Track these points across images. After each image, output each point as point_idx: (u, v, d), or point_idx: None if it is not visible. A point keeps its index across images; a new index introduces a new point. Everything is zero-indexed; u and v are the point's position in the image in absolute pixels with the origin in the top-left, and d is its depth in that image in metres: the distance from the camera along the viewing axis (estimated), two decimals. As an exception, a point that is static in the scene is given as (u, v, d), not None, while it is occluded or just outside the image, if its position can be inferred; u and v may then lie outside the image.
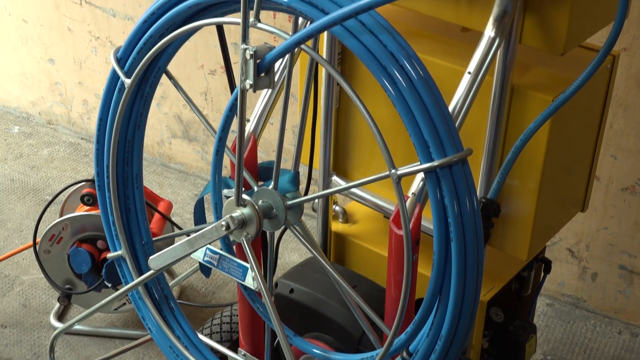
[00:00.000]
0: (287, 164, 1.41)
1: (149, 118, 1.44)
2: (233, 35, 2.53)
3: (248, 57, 1.13)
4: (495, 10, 1.28)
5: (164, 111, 2.99)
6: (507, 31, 1.30)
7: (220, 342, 1.90)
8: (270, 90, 1.53)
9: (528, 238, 1.52)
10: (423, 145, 1.08)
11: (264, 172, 1.49)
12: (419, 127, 1.07)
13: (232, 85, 1.59)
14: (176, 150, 3.06)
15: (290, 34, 1.15)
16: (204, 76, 2.83)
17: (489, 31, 1.28)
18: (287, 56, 1.33)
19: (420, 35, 1.56)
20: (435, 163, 1.07)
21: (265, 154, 2.81)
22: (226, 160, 1.40)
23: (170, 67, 1.38)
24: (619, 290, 2.44)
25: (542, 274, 1.80)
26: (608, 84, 1.57)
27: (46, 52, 3.14)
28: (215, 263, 1.34)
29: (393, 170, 1.09)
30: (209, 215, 1.44)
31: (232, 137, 1.33)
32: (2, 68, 3.31)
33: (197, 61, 2.81)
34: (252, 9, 1.16)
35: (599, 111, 1.60)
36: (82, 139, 3.24)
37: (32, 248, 2.24)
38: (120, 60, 1.36)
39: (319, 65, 1.49)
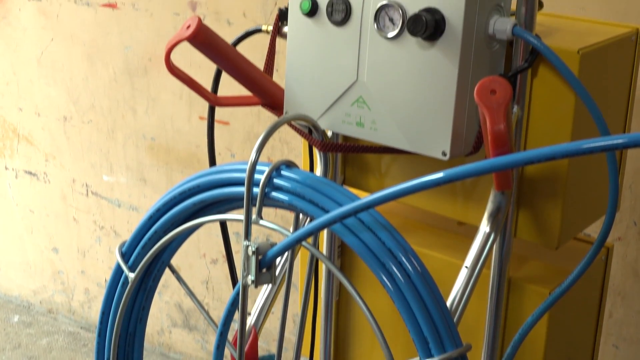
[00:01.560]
0: (288, 353, 1.41)
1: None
2: (235, 224, 2.59)
3: (250, 253, 1.16)
4: (489, 206, 1.32)
5: (164, 300, 3.00)
6: (501, 226, 1.33)
7: None
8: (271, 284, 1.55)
9: None
10: (422, 341, 1.09)
11: (264, 365, 1.49)
12: (418, 323, 1.09)
13: (233, 276, 1.61)
14: (176, 340, 3.04)
15: (291, 230, 1.19)
16: (206, 265, 2.86)
17: (484, 226, 1.32)
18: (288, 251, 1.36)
19: (417, 228, 1.60)
20: (435, 359, 1.08)
21: (265, 342, 2.79)
22: (227, 349, 1.40)
23: (173, 256, 1.41)
24: None
25: None
26: (604, 274, 1.60)
27: (50, 241, 3.19)
28: None
29: (393, 366, 1.10)
30: (209, 410, 1.43)
31: (233, 326, 1.35)
32: (6, 257, 3.35)
33: (199, 250, 2.85)
34: (254, 205, 1.20)
35: (597, 301, 1.61)
36: (81, 328, 3.23)
37: None
38: (125, 255, 1.39)
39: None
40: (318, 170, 1.43)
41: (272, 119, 1.43)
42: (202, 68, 2.52)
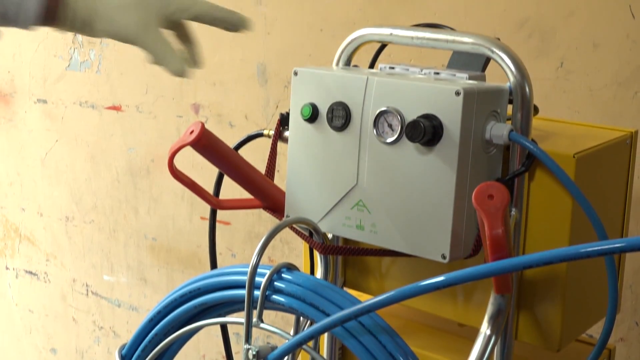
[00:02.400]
0: None
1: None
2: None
3: (250, 357, 1.16)
4: (489, 309, 1.32)
5: (163, 402, 2.96)
6: (502, 329, 1.33)
7: None
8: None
9: None
10: None
11: None
12: None
13: (233, 380, 1.60)
14: None
15: (292, 333, 1.19)
16: (205, 366, 2.83)
17: (485, 329, 1.31)
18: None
19: (418, 330, 1.60)
20: None
21: None
22: None
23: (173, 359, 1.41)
24: None
25: None
26: (607, 377, 1.59)
27: (49, 341, 3.17)
28: None
29: None
30: None
31: None
32: (4, 357, 3.31)
33: (198, 351, 2.82)
34: (255, 308, 1.21)
35: (601, 406, 1.60)
36: None
37: None
38: (125, 357, 1.38)
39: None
40: (319, 273, 1.44)
41: (273, 219, 1.45)
42: (204, 169, 2.56)
